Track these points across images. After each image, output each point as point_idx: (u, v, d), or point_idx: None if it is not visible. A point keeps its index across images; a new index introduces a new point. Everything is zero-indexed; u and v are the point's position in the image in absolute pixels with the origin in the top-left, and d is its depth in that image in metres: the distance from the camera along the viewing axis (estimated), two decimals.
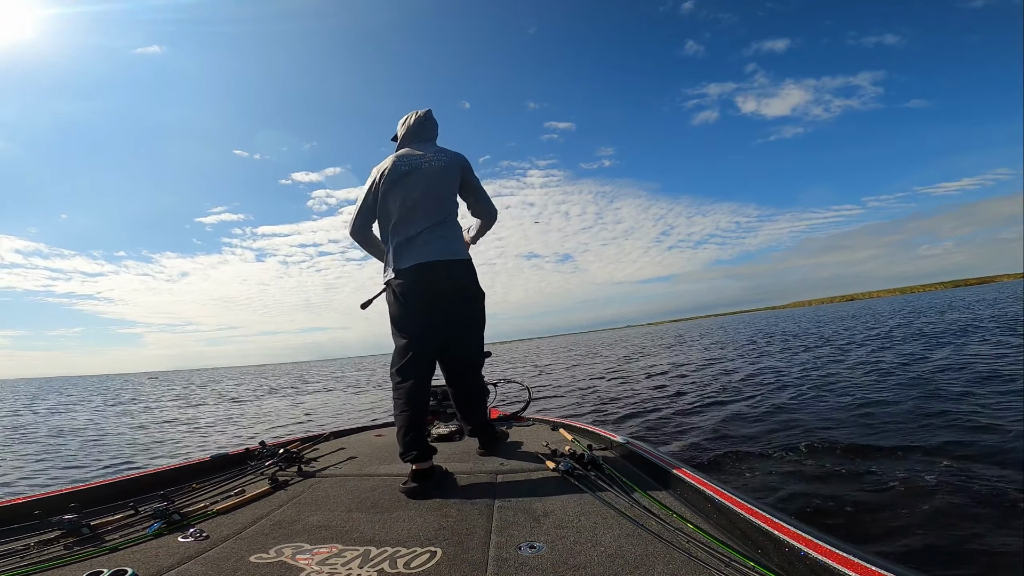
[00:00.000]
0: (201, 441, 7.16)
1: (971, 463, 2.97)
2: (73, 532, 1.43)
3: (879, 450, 3.42)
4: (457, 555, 1.20)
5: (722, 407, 5.75)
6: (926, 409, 4.44)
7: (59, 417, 12.60)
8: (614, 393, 8.02)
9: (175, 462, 2.31)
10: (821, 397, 5.75)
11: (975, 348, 8.23)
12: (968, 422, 3.85)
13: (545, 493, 1.64)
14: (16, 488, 4.76)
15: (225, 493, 1.87)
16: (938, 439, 3.51)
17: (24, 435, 8.97)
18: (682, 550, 1.13)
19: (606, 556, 1.15)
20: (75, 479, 4.96)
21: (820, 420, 4.59)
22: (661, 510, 1.40)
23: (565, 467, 1.79)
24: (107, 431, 8.99)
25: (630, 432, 4.90)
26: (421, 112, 2.22)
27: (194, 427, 8.93)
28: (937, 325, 14.36)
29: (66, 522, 1.45)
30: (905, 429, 3.93)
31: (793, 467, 3.25)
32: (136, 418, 11.23)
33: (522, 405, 3.48)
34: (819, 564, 0.92)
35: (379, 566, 1.17)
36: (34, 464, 5.93)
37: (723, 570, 1.02)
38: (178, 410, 12.79)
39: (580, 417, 5.87)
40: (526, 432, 2.75)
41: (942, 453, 3.21)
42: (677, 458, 1.78)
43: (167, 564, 1.24)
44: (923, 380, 5.93)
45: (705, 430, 4.66)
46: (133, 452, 6.45)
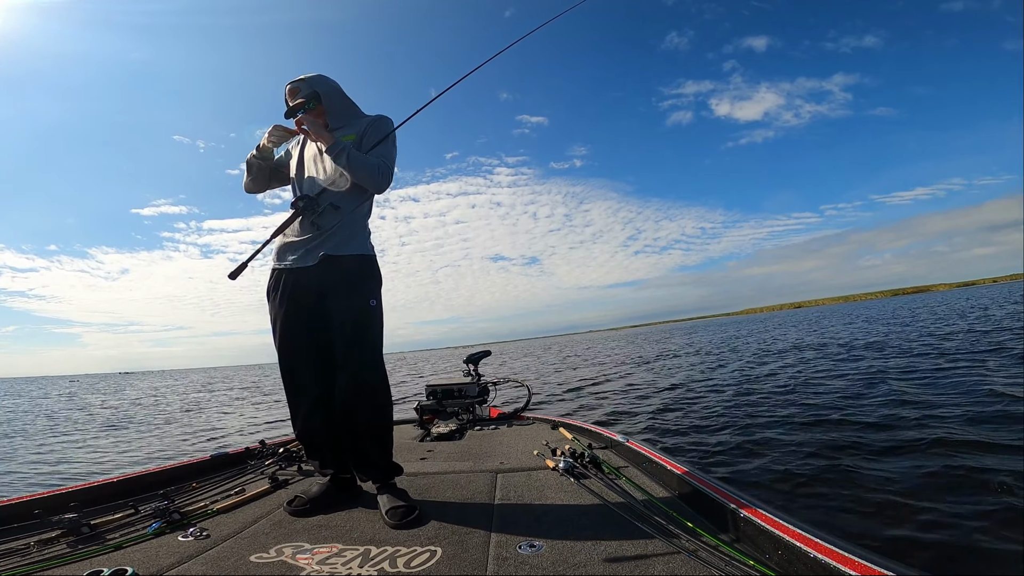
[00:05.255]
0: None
1: (970, 461, 2.97)
2: (73, 531, 1.44)
3: (877, 447, 3.42)
4: (457, 554, 1.20)
5: (721, 407, 5.75)
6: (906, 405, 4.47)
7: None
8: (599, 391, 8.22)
9: (175, 461, 2.31)
10: (806, 391, 5.80)
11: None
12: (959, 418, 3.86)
13: (545, 492, 1.64)
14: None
15: (225, 492, 1.87)
16: (934, 435, 3.51)
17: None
18: (682, 549, 1.13)
19: (606, 556, 1.15)
20: (75, 478, 4.96)
21: (806, 417, 4.62)
22: (661, 509, 1.40)
23: (565, 466, 1.80)
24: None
25: (630, 431, 4.90)
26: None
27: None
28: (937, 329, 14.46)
29: (66, 521, 1.45)
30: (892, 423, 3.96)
31: (790, 466, 3.25)
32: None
33: (523, 404, 3.48)
34: (819, 563, 0.92)
35: (379, 565, 1.17)
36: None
37: (723, 569, 1.02)
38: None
39: (579, 416, 5.87)
40: (526, 431, 2.75)
41: (940, 450, 3.21)
42: (677, 457, 1.78)
43: (167, 563, 1.24)
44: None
45: (705, 430, 4.67)
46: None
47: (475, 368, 3.72)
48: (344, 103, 1.80)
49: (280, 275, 1.70)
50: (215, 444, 6.37)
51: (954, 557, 1.96)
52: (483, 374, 3.75)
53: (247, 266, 1.64)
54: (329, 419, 1.66)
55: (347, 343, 1.61)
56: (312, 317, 1.66)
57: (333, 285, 1.64)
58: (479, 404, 3.39)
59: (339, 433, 1.67)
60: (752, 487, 2.98)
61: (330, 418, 1.66)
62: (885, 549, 2.03)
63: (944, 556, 1.97)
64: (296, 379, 1.69)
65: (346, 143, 1.65)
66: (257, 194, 1.92)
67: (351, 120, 1.80)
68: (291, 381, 1.69)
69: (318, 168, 1.74)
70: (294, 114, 1.69)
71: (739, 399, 6.05)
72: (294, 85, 1.75)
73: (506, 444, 2.44)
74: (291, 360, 1.68)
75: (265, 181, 1.87)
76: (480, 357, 3.82)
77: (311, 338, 1.67)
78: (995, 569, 1.86)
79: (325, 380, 1.66)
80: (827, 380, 6.63)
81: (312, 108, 1.72)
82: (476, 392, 3.44)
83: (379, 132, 1.73)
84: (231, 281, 1.64)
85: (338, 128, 1.76)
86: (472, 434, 2.82)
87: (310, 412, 1.67)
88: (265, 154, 1.80)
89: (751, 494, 1.29)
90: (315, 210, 1.65)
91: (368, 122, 1.75)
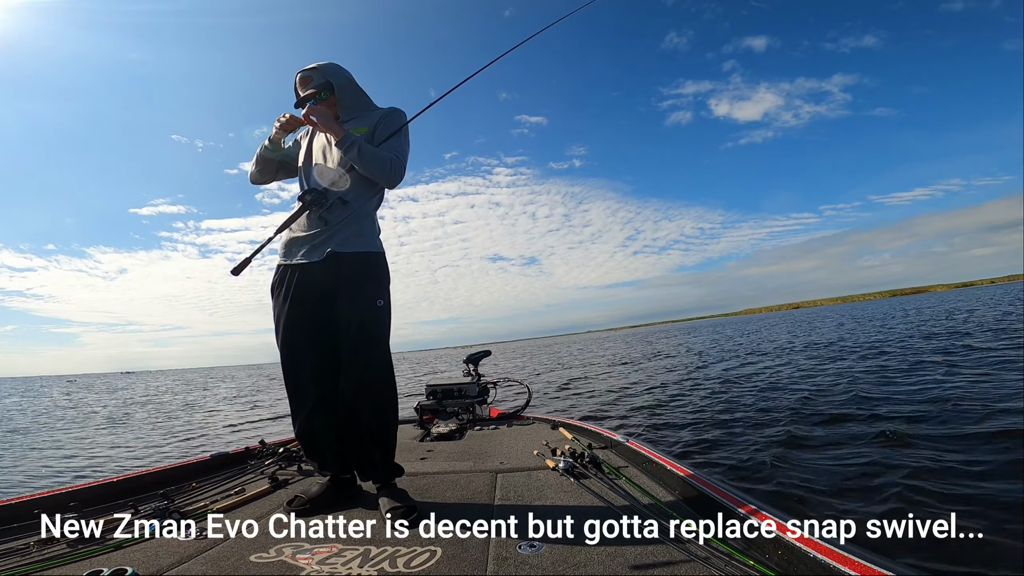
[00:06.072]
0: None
1: (969, 458, 2.98)
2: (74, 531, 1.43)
3: (871, 446, 3.42)
4: (457, 554, 1.20)
5: (720, 409, 5.77)
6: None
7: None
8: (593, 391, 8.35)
9: (175, 461, 2.31)
10: (808, 390, 5.83)
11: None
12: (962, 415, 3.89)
13: (545, 492, 1.64)
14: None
15: (225, 492, 1.87)
16: (936, 431, 3.53)
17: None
18: (682, 549, 1.13)
19: (606, 555, 1.15)
20: (75, 478, 4.96)
21: (813, 413, 4.66)
22: (661, 509, 1.40)
23: (565, 466, 1.80)
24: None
25: (630, 431, 4.91)
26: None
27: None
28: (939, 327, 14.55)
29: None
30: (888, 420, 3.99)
31: (791, 465, 3.26)
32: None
33: (523, 404, 3.48)
34: (819, 563, 0.92)
35: (379, 565, 1.17)
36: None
37: (723, 569, 1.02)
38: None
39: (579, 416, 5.88)
40: (526, 431, 2.75)
41: (938, 445, 3.22)
42: (677, 457, 1.78)
43: (167, 563, 1.24)
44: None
45: (704, 431, 4.68)
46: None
47: (475, 368, 3.72)
48: (356, 94, 1.74)
49: (285, 271, 1.65)
50: (212, 443, 6.39)
51: (955, 555, 1.96)
52: (483, 374, 3.75)
53: (250, 262, 1.58)
54: (331, 420, 1.64)
55: (353, 343, 1.58)
56: (317, 315, 1.61)
57: (339, 283, 1.58)
58: (479, 404, 3.39)
59: (343, 433, 1.64)
60: (751, 487, 2.98)
61: (332, 419, 1.64)
62: (885, 549, 2.03)
63: (945, 554, 1.97)
64: (298, 378, 1.65)
65: (357, 136, 1.59)
66: (263, 185, 1.87)
67: (363, 112, 1.74)
68: (293, 380, 1.66)
69: (326, 161, 1.68)
70: (304, 105, 1.63)
71: (717, 397, 6.21)
72: (305, 74, 1.68)
73: (506, 444, 2.44)
74: (294, 359, 1.64)
75: (272, 173, 1.82)
76: (480, 357, 3.82)
77: (315, 337, 1.62)
78: (995, 568, 1.86)
79: (328, 381, 1.62)
80: (802, 379, 6.81)
81: (323, 99, 1.66)
82: (476, 392, 3.44)
83: (392, 125, 1.67)
84: (233, 278, 1.57)
85: (349, 120, 1.70)
86: (472, 434, 2.82)
87: (311, 412, 1.64)
88: (276, 147, 1.73)
89: (751, 494, 1.29)
90: (323, 204, 1.59)
91: (381, 115, 1.70)
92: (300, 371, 1.64)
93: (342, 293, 1.59)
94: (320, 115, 1.60)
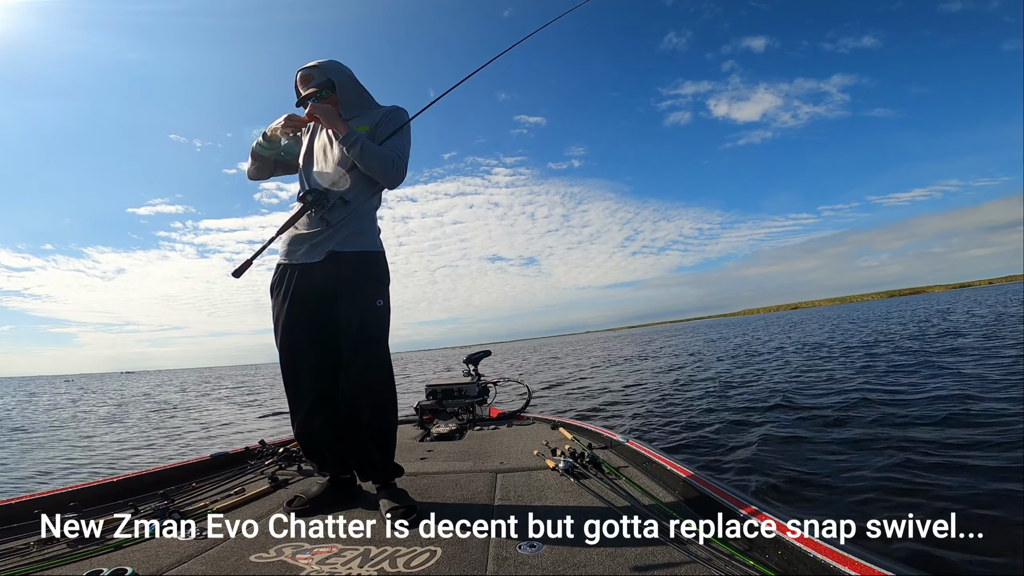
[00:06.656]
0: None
1: (967, 457, 2.98)
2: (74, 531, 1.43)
3: (871, 447, 3.43)
4: (457, 554, 1.20)
5: (720, 409, 5.77)
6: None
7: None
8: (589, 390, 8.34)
9: (175, 461, 2.31)
10: (808, 393, 5.82)
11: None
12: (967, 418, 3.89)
13: (545, 492, 1.64)
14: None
15: (225, 492, 1.87)
16: (933, 432, 3.54)
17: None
18: (682, 549, 1.13)
19: (606, 555, 1.15)
20: (75, 478, 4.96)
21: (819, 414, 4.64)
22: (661, 509, 1.40)
23: (565, 466, 1.80)
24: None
25: (630, 431, 4.91)
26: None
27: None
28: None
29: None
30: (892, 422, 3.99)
31: (791, 465, 3.26)
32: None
33: (523, 403, 3.48)
34: (819, 563, 0.92)
35: (379, 565, 1.17)
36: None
37: (723, 569, 1.02)
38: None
39: (578, 416, 5.87)
40: (526, 431, 2.75)
41: (936, 444, 3.23)
42: (677, 457, 1.78)
43: (167, 563, 1.24)
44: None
45: (704, 431, 4.67)
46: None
47: (475, 368, 3.72)
48: (358, 92, 1.74)
49: (285, 271, 1.64)
50: (211, 443, 6.40)
51: (955, 554, 1.96)
52: (483, 374, 3.75)
53: (251, 264, 1.57)
54: (330, 420, 1.63)
55: (353, 342, 1.58)
56: (316, 315, 1.61)
57: (339, 283, 1.58)
58: (479, 404, 3.39)
59: (343, 433, 1.64)
60: (751, 487, 2.98)
61: (331, 419, 1.63)
62: (885, 549, 2.03)
63: (945, 553, 1.97)
64: (298, 378, 1.64)
65: (360, 134, 1.58)
66: (260, 182, 1.87)
67: (365, 110, 1.73)
68: (292, 380, 1.65)
69: (327, 161, 1.67)
70: (305, 103, 1.63)
71: (716, 397, 6.25)
72: (306, 72, 1.67)
73: (506, 444, 2.44)
74: (293, 359, 1.63)
75: (269, 169, 1.81)
76: (480, 357, 3.82)
77: (315, 337, 1.62)
78: (995, 569, 1.86)
79: (327, 380, 1.62)
80: (802, 380, 6.85)
81: (324, 97, 1.66)
82: (476, 392, 3.44)
83: (393, 123, 1.66)
84: (234, 280, 1.56)
85: (351, 118, 1.69)
86: (472, 434, 2.82)
87: (310, 413, 1.64)
88: (272, 144, 1.72)
89: (751, 495, 1.29)
90: (324, 205, 1.59)
91: (383, 113, 1.69)
92: (299, 371, 1.64)
93: (342, 293, 1.59)
94: (323, 112, 1.60)
